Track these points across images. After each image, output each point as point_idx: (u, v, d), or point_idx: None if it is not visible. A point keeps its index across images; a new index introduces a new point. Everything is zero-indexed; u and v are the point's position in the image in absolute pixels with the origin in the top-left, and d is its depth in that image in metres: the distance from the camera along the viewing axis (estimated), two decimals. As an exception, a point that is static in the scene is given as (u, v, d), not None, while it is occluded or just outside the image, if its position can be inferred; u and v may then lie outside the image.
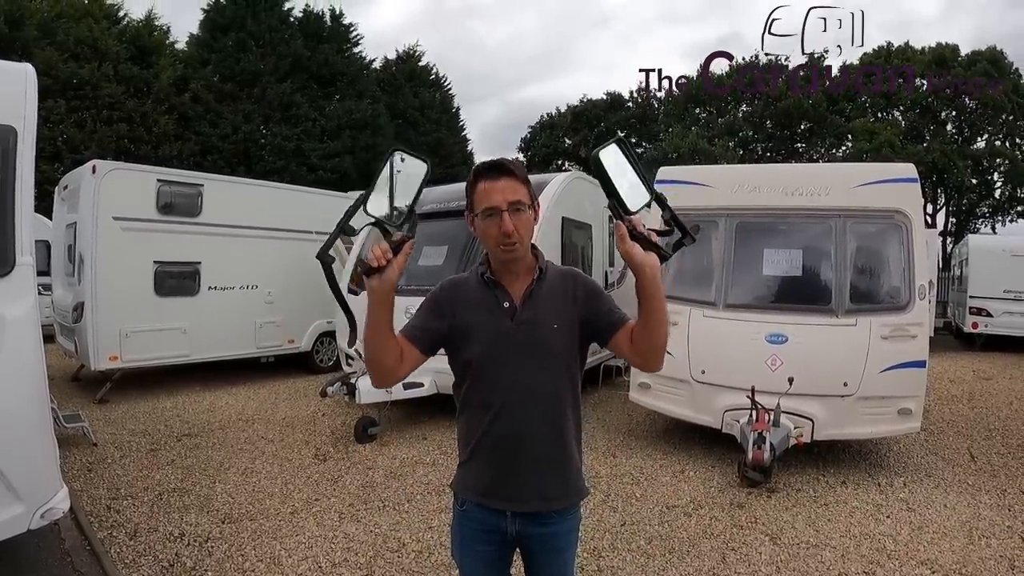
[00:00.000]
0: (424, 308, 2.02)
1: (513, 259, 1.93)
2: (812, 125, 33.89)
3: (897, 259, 6.13)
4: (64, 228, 9.21)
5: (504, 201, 1.85)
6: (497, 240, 1.88)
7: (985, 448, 6.88)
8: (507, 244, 1.88)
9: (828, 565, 4.16)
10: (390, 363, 1.87)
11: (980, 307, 15.01)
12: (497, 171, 1.90)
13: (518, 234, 1.87)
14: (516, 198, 1.87)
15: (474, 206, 1.92)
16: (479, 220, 1.91)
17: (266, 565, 4.10)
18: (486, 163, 1.94)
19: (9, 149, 3.55)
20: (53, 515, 3.62)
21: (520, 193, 1.89)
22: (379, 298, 1.75)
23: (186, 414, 8.05)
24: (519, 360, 1.93)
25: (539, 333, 1.95)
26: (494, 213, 1.86)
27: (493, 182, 1.88)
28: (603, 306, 2.00)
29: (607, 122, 38.67)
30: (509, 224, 1.85)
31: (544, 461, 1.98)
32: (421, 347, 1.95)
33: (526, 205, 1.90)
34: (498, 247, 1.89)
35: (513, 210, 1.86)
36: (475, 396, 2.01)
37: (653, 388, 6.65)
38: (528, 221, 1.91)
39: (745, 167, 8.08)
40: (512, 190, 1.88)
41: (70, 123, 20.72)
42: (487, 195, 1.88)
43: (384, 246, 1.68)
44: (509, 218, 1.85)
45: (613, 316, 1.98)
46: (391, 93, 30.62)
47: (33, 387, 3.57)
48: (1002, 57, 30.03)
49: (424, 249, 8.12)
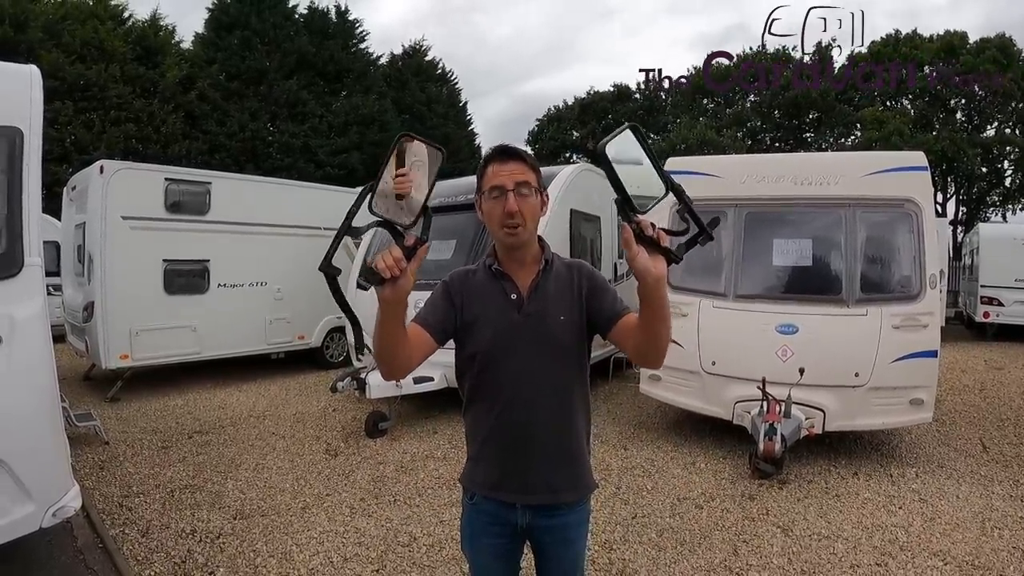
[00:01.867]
0: (436, 297, 2.01)
1: (517, 243, 1.92)
2: (820, 114, 33.69)
3: (908, 248, 6.08)
4: (73, 228, 9.24)
5: (511, 181, 1.86)
6: (501, 220, 1.87)
7: (997, 438, 6.83)
8: (510, 225, 1.87)
9: (840, 556, 4.14)
10: (402, 359, 1.83)
11: (991, 296, 14.89)
12: (507, 154, 1.91)
13: (522, 216, 1.86)
14: (522, 179, 1.87)
15: (482, 187, 1.93)
16: (485, 200, 1.92)
17: (278, 560, 4.11)
18: (497, 147, 1.94)
19: (16, 150, 3.55)
20: (65, 513, 3.63)
21: (527, 176, 1.89)
22: (392, 308, 1.69)
23: (197, 411, 8.08)
24: (526, 352, 1.93)
25: (546, 325, 1.94)
26: (500, 193, 1.86)
27: (502, 164, 1.89)
28: (606, 298, 1.99)
29: (615, 114, 38.54)
30: (513, 203, 1.84)
31: (553, 453, 1.98)
32: (436, 337, 1.93)
33: (533, 189, 1.89)
34: (501, 228, 1.88)
35: (519, 192, 1.86)
36: (483, 389, 2.00)
37: (663, 380, 6.63)
38: (534, 207, 1.90)
39: (754, 157, 8.04)
40: (520, 172, 1.88)
41: (78, 124, 20.82)
42: (494, 175, 1.88)
43: (397, 253, 1.52)
44: (514, 198, 1.85)
45: (615, 309, 1.96)
46: (398, 88, 30.61)
47: (43, 387, 3.58)
48: (1011, 44, 29.68)
49: (432, 243, 8.10)
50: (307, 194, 11.03)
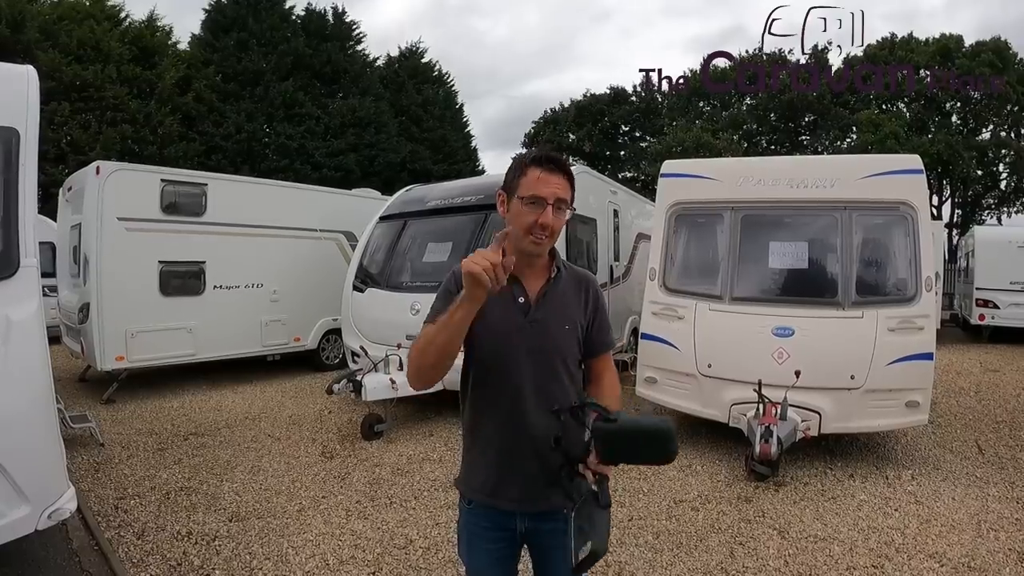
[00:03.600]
0: (448, 296, 1.93)
1: (537, 253, 1.94)
2: (816, 117, 33.81)
3: (903, 251, 6.10)
4: (69, 229, 9.23)
5: (553, 195, 1.86)
6: (530, 228, 1.86)
7: (993, 440, 6.84)
8: (538, 236, 1.88)
9: (836, 559, 4.15)
10: (450, 362, 1.82)
11: (987, 299, 14.91)
12: (556, 166, 1.90)
13: (552, 229, 1.88)
14: (564, 196, 1.89)
15: (518, 190, 1.90)
16: (519, 204, 1.89)
17: (273, 563, 4.10)
18: (547, 154, 1.93)
19: (12, 151, 3.55)
20: (60, 515, 3.62)
21: (567, 194, 1.91)
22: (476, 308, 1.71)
23: (193, 413, 8.06)
24: (528, 360, 1.93)
25: (550, 332, 1.95)
26: (539, 203, 1.85)
27: (549, 174, 1.88)
28: (602, 325, 2.05)
29: (611, 117, 38.63)
30: (550, 217, 1.85)
31: (551, 461, 1.93)
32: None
33: (567, 206, 1.91)
34: (528, 236, 1.88)
35: (556, 207, 1.87)
36: (483, 395, 1.99)
37: (659, 382, 6.63)
38: (561, 224, 1.92)
39: (750, 160, 8.06)
40: (564, 189, 1.89)
41: (75, 125, 20.80)
42: (539, 184, 1.86)
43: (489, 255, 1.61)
44: (552, 212, 1.86)
45: (603, 341, 2.04)
46: (394, 90, 30.66)
47: (39, 388, 3.57)
48: (1006, 48, 29.83)
49: (429, 245, 8.12)
50: (303, 196, 11.05)
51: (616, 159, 39.88)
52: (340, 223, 10.76)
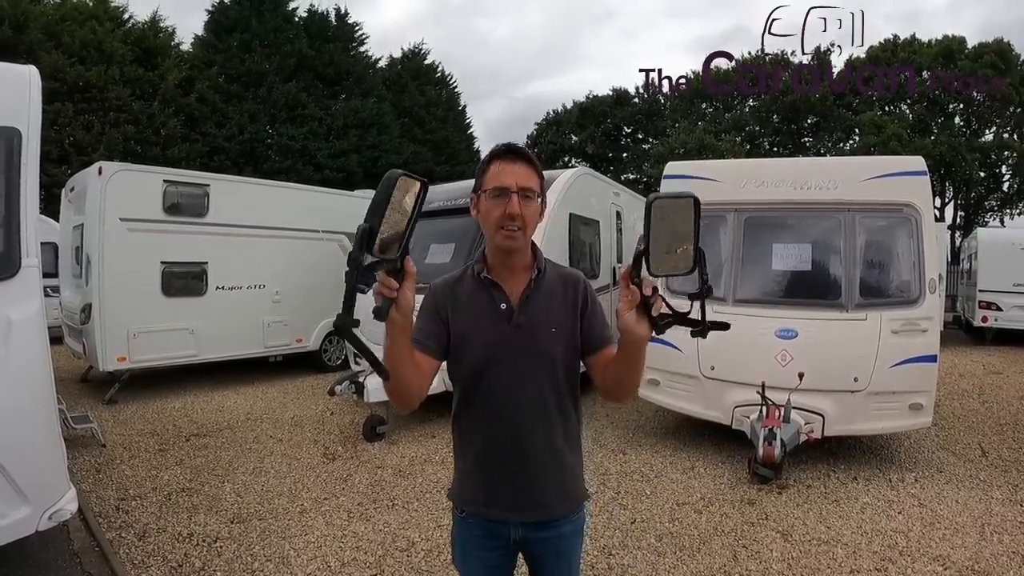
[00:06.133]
0: (424, 314, 1.91)
1: (512, 248, 1.83)
2: (819, 119, 33.75)
3: (907, 253, 6.08)
4: (71, 230, 9.24)
5: (515, 183, 1.77)
6: (499, 222, 1.78)
7: (996, 443, 6.82)
8: (509, 228, 1.78)
9: (840, 562, 4.13)
10: (415, 385, 1.75)
11: (990, 301, 14.89)
12: (514, 154, 1.83)
13: (523, 219, 1.78)
14: (528, 184, 1.79)
15: (483, 185, 1.83)
16: (485, 199, 1.82)
17: (275, 565, 4.10)
18: (504, 145, 1.86)
19: (14, 151, 3.55)
20: (61, 516, 3.62)
21: (532, 181, 1.81)
22: (401, 327, 1.61)
23: (194, 414, 8.06)
24: (516, 366, 1.85)
25: (537, 337, 1.86)
26: (503, 194, 1.77)
27: (508, 164, 1.80)
28: (596, 321, 1.93)
29: (614, 118, 38.59)
30: (516, 206, 1.76)
31: (544, 469, 1.91)
32: (437, 355, 1.86)
33: (536, 195, 1.82)
34: (499, 230, 1.79)
35: (523, 195, 1.77)
36: (471, 403, 1.92)
37: (662, 385, 6.61)
38: (534, 212, 1.82)
39: (753, 161, 8.05)
40: (526, 176, 1.80)
41: (78, 126, 20.80)
42: (499, 175, 1.79)
43: (385, 279, 1.51)
44: (518, 200, 1.76)
45: (602, 335, 1.91)
46: (397, 91, 30.64)
47: (40, 389, 3.57)
48: (1009, 49, 29.74)
49: (431, 247, 8.12)
50: (306, 197, 11.04)
51: (619, 161, 39.80)
52: (342, 224, 10.74)
